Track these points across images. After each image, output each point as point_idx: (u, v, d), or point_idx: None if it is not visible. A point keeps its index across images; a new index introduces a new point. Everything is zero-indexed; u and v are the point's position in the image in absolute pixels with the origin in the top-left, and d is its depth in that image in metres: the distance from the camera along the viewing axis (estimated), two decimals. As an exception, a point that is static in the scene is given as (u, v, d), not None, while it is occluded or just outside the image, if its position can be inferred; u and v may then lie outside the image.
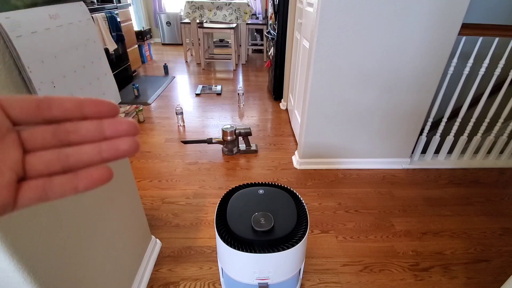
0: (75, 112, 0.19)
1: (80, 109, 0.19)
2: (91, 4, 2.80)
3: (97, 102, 0.19)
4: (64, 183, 0.19)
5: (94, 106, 0.19)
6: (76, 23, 0.69)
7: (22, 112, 0.18)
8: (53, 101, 0.18)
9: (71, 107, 0.19)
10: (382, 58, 1.54)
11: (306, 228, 0.88)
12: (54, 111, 0.18)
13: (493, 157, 1.95)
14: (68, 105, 0.19)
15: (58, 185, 0.19)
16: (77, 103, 0.19)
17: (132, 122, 0.20)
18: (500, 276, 1.22)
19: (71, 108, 0.19)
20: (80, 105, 0.19)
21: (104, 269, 0.86)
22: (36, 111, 0.18)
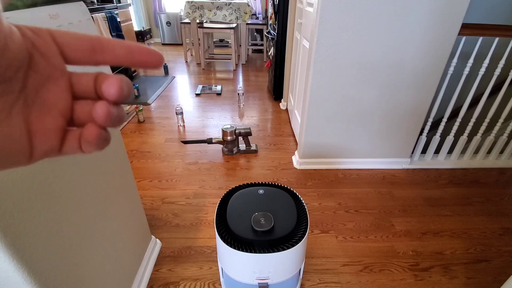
0: (125, 59, 0.18)
1: (131, 57, 0.18)
2: (91, 4, 2.80)
3: (146, 52, 0.18)
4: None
5: (143, 56, 0.18)
6: (76, 23, 0.69)
7: (77, 53, 0.18)
8: (105, 44, 0.18)
9: (122, 54, 0.18)
10: (382, 58, 1.54)
11: (306, 228, 0.88)
12: (106, 56, 0.18)
13: (493, 157, 1.95)
14: (119, 52, 0.18)
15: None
16: (128, 51, 0.18)
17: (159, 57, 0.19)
18: (500, 276, 1.22)
19: (122, 55, 0.18)
20: (130, 53, 0.18)
21: (104, 269, 0.86)
22: (90, 53, 0.18)
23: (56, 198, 0.65)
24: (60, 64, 0.17)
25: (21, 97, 0.16)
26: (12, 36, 0.15)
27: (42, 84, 0.17)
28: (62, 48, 0.17)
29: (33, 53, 0.16)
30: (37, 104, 0.17)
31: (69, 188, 0.69)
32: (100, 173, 0.84)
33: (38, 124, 0.17)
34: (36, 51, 0.16)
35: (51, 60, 0.17)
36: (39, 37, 0.17)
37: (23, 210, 0.55)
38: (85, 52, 0.17)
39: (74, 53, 0.17)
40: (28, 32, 0.16)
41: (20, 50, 0.15)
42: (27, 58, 0.16)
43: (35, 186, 0.58)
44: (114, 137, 0.92)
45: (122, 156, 0.99)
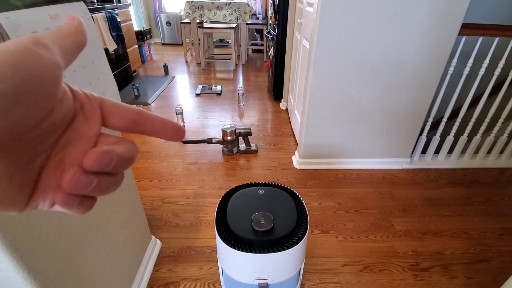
0: (160, 133, 0.20)
1: (164, 132, 0.20)
2: (91, 4, 2.80)
3: (176, 128, 0.20)
4: None
5: (173, 132, 0.20)
6: (76, 23, 0.69)
7: (119, 123, 0.19)
8: (146, 118, 0.19)
9: (158, 128, 0.20)
10: (382, 58, 1.54)
11: (306, 228, 0.88)
12: (145, 128, 0.20)
13: (493, 157, 1.95)
14: (157, 126, 0.20)
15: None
16: (163, 126, 0.20)
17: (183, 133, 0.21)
18: (500, 276, 1.22)
19: (158, 129, 0.20)
20: (164, 129, 0.20)
21: (104, 269, 0.86)
22: (131, 124, 0.19)
23: (56, 198, 0.65)
24: (97, 127, 0.18)
25: (49, 150, 0.17)
26: (63, 99, 0.16)
27: (71, 142, 0.17)
28: (107, 115, 0.19)
29: (78, 114, 0.18)
30: (57, 157, 0.17)
31: (69, 188, 0.69)
32: (100, 173, 0.83)
33: (48, 176, 0.17)
34: (82, 112, 0.18)
35: (91, 122, 0.18)
36: (89, 101, 0.18)
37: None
38: (127, 123, 0.19)
39: (117, 122, 0.19)
40: (80, 95, 0.18)
41: (67, 111, 0.17)
42: (71, 118, 0.17)
43: (35, 186, 0.58)
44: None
45: (122, 156, 0.99)
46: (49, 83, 0.15)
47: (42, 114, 0.15)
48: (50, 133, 0.16)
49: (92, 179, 0.16)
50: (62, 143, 0.17)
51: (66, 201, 0.16)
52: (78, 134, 0.18)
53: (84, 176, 0.16)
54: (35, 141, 0.15)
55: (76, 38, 0.17)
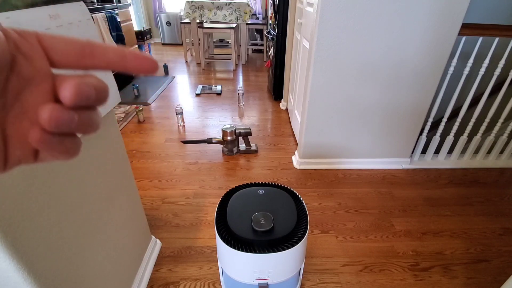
0: (117, 64, 0.17)
1: (123, 62, 0.17)
2: (91, 4, 2.80)
3: (140, 57, 0.18)
4: None
5: (137, 62, 0.17)
6: (76, 23, 0.69)
7: (64, 57, 0.17)
8: (96, 48, 0.17)
9: (113, 59, 0.17)
10: (382, 58, 1.54)
11: (306, 228, 0.88)
12: (96, 60, 0.17)
13: (493, 157, 1.95)
14: (111, 56, 0.17)
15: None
16: (120, 56, 0.17)
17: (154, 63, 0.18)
18: (500, 276, 1.22)
19: (113, 60, 0.17)
20: (123, 58, 0.17)
21: (104, 269, 0.86)
22: (78, 57, 0.17)
23: (56, 198, 0.65)
24: (44, 67, 0.16)
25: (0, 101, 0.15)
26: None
27: (23, 87, 0.16)
28: (48, 51, 0.17)
29: (16, 55, 0.16)
30: (15, 107, 0.16)
31: (69, 188, 0.69)
32: (100, 173, 0.84)
33: (14, 129, 0.16)
34: (20, 53, 0.16)
35: (35, 63, 0.16)
36: (25, 39, 0.16)
37: (23, 210, 0.55)
38: (73, 56, 0.17)
39: (61, 57, 0.17)
40: (13, 34, 0.16)
41: (2, 53, 0.15)
42: (10, 61, 0.15)
43: (35, 186, 0.58)
44: (114, 137, 0.92)
45: (122, 156, 0.99)
46: None
47: None
48: None
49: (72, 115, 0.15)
50: (12, 92, 0.15)
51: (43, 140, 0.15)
52: (26, 78, 0.16)
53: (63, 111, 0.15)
54: None
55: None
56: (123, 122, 2.48)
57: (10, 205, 0.52)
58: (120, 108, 2.73)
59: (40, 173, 0.60)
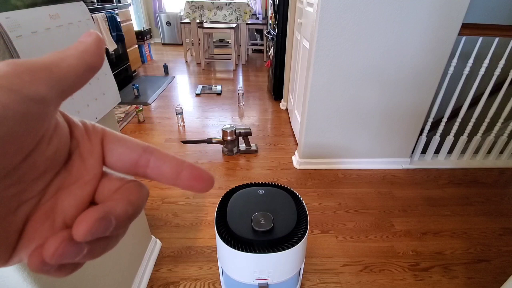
0: (169, 180, 0.16)
1: (176, 180, 0.16)
2: (91, 4, 2.80)
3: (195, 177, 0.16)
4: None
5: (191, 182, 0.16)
6: (76, 23, 0.69)
7: (118, 164, 0.16)
8: (153, 160, 0.16)
9: (167, 174, 0.16)
10: (382, 58, 1.54)
11: (306, 228, 0.88)
12: (149, 172, 0.16)
13: (493, 157, 1.95)
14: (166, 170, 0.16)
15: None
16: (175, 173, 0.16)
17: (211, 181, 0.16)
18: (500, 276, 1.22)
19: (167, 175, 0.16)
20: (177, 176, 0.16)
21: (104, 269, 0.86)
22: (131, 167, 0.16)
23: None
24: (96, 169, 0.15)
25: (38, 196, 0.14)
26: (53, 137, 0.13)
27: (66, 187, 0.15)
28: (106, 154, 0.16)
29: (73, 153, 0.15)
30: (47, 205, 0.14)
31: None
32: (100, 173, 0.83)
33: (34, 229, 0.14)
34: (78, 152, 0.15)
35: (89, 163, 0.15)
36: (89, 138, 0.15)
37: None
38: (128, 164, 0.16)
39: (116, 163, 0.16)
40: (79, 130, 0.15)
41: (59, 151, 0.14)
42: (65, 159, 0.14)
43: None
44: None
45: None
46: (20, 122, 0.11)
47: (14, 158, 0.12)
48: (36, 177, 0.13)
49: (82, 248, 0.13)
50: (55, 188, 0.14)
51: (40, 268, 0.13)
52: (73, 177, 0.15)
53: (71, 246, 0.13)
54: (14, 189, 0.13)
55: (84, 59, 0.14)
56: (123, 122, 2.48)
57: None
58: (120, 108, 2.73)
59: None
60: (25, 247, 0.14)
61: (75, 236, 0.13)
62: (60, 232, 0.14)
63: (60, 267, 0.14)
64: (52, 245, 0.13)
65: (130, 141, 0.16)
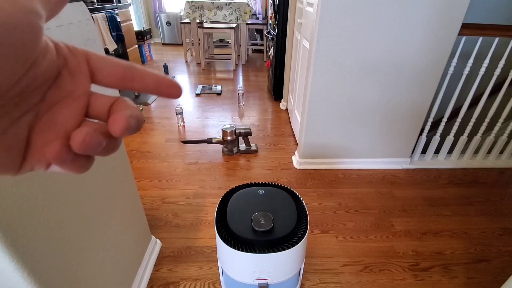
0: (152, 88, 0.19)
1: (157, 88, 0.19)
2: (91, 4, 2.80)
3: (171, 84, 0.19)
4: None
5: (168, 87, 0.19)
6: (76, 23, 0.69)
7: (107, 78, 0.18)
8: (136, 73, 0.18)
9: (150, 84, 0.18)
10: (382, 58, 1.54)
11: (306, 228, 0.88)
12: (135, 84, 0.18)
13: (493, 157, 1.95)
14: (148, 81, 0.18)
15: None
16: (156, 81, 0.19)
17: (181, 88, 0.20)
18: (500, 276, 1.22)
19: (150, 85, 0.18)
20: (157, 83, 0.19)
21: (104, 269, 0.86)
22: (120, 79, 0.18)
23: (56, 198, 0.65)
24: (85, 84, 0.17)
25: (35, 109, 0.16)
26: (46, 53, 0.15)
27: (60, 100, 0.16)
28: (94, 70, 0.17)
29: (62, 70, 0.16)
30: (46, 117, 0.16)
31: (69, 188, 0.69)
32: (100, 173, 0.84)
33: (38, 137, 0.16)
34: (66, 69, 0.17)
35: (78, 79, 0.17)
36: (74, 56, 0.17)
37: (23, 210, 0.55)
38: (116, 78, 0.18)
39: (105, 78, 0.18)
40: (64, 49, 0.17)
41: (50, 67, 0.16)
42: (55, 74, 0.16)
43: (35, 186, 0.58)
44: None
45: (122, 156, 0.99)
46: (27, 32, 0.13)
47: (22, 68, 0.14)
48: (33, 90, 0.15)
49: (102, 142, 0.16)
50: (49, 102, 0.16)
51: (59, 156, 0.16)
52: (65, 91, 0.17)
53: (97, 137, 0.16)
54: (17, 99, 0.14)
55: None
56: (123, 122, 2.47)
57: (10, 205, 0.52)
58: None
59: (40, 173, 0.60)
60: (34, 155, 0.16)
61: (114, 131, 0.16)
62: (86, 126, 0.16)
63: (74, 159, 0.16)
64: (80, 134, 0.16)
65: (112, 58, 0.18)
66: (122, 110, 0.17)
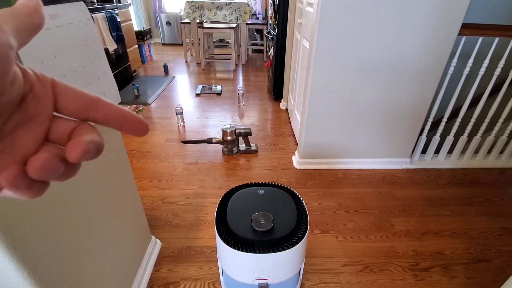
0: (116, 121, 0.18)
1: (121, 123, 0.19)
2: (91, 4, 2.80)
3: (136, 121, 0.19)
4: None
5: (133, 123, 0.19)
6: (76, 23, 0.69)
7: (71, 106, 0.18)
8: (101, 105, 0.18)
9: (114, 117, 0.18)
10: (382, 58, 1.54)
11: (306, 228, 0.88)
12: (98, 115, 0.18)
13: (493, 157, 1.95)
14: (113, 115, 0.18)
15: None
16: (121, 116, 0.18)
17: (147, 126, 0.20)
18: (500, 276, 1.22)
19: (114, 118, 0.18)
20: (122, 119, 0.18)
21: (104, 269, 0.86)
22: (83, 109, 0.18)
23: (56, 198, 0.65)
24: (48, 110, 0.17)
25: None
26: (14, 81, 0.15)
27: (22, 124, 0.16)
28: (58, 97, 0.18)
29: (27, 94, 0.17)
30: (6, 141, 0.16)
31: (69, 188, 0.69)
32: (100, 173, 0.84)
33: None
34: (32, 94, 0.17)
35: (42, 104, 0.17)
36: (41, 83, 0.17)
37: (23, 210, 0.55)
38: (80, 106, 0.18)
39: (68, 105, 0.18)
40: (31, 76, 0.17)
41: (17, 94, 0.16)
42: (20, 99, 0.16)
43: (35, 186, 0.58)
44: (114, 137, 0.92)
45: (122, 156, 0.99)
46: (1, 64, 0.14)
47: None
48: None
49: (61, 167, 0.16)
50: (11, 126, 0.16)
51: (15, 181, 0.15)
52: (28, 116, 0.17)
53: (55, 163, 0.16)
54: None
55: (32, 18, 0.17)
56: (123, 122, 2.47)
57: (10, 205, 0.52)
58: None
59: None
60: None
61: (70, 157, 0.16)
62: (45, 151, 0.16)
63: (29, 185, 0.16)
64: (39, 159, 0.15)
65: (78, 89, 0.18)
66: (82, 135, 0.17)
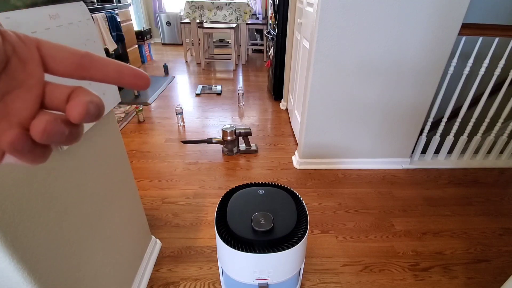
0: (113, 78, 0.18)
1: (120, 78, 0.18)
2: (91, 4, 2.80)
3: (136, 74, 0.18)
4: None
5: (132, 77, 0.18)
6: (76, 23, 0.69)
7: (61, 66, 0.17)
8: (95, 61, 0.17)
9: (111, 73, 0.18)
10: (382, 58, 1.54)
11: (306, 228, 0.88)
12: (94, 73, 0.17)
13: (493, 157, 1.95)
14: (109, 70, 0.18)
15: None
16: (118, 70, 0.18)
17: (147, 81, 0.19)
18: (500, 276, 1.22)
19: (111, 74, 0.18)
20: (120, 73, 0.18)
21: (104, 269, 0.86)
22: (76, 68, 0.17)
23: (56, 198, 0.65)
24: (38, 73, 0.17)
25: None
26: None
27: (11, 89, 0.16)
28: (46, 58, 0.17)
29: (11, 57, 0.16)
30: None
31: (69, 188, 0.69)
32: (100, 173, 0.84)
33: None
34: (16, 56, 0.16)
35: (29, 67, 0.16)
36: (24, 43, 0.16)
37: (23, 210, 0.55)
38: (71, 66, 0.17)
39: (59, 65, 0.17)
40: (12, 37, 0.16)
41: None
42: (4, 62, 0.16)
43: (35, 186, 0.58)
44: (114, 137, 0.92)
45: (122, 156, 0.99)
46: None
47: None
48: None
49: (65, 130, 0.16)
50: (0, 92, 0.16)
51: (16, 145, 0.15)
52: (16, 80, 0.16)
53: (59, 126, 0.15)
54: None
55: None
56: (123, 122, 2.48)
57: (10, 205, 0.52)
58: (120, 108, 2.73)
59: (40, 173, 0.60)
60: None
61: (72, 117, 0.15)
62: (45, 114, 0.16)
63: (31, 149, 0.16)
64: (41, 122, 0.15)
65: (67, 46, 0.17)
66: (80, 96, 0.16)
